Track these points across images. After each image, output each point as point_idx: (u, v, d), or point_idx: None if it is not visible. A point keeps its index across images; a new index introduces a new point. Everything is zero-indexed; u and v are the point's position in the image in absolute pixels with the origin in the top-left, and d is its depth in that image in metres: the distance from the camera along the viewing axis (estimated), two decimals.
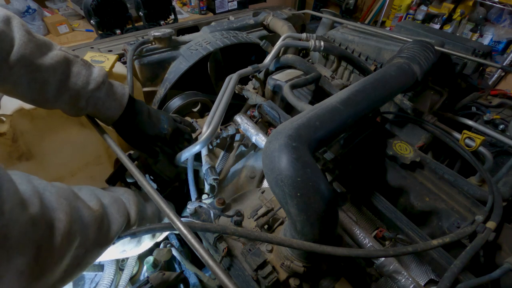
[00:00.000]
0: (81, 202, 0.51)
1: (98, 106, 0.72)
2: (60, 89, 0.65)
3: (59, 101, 0.66)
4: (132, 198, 0.68)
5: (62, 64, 0.64)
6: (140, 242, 0.74)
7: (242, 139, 1.02)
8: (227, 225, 0.70)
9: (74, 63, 0.67)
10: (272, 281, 0.60)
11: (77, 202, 0.50)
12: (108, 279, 0.78)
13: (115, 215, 0.58)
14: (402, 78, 0.85)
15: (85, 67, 0.69)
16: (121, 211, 0.60)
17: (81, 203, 0.51)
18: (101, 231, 0.53)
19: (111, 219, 0.57)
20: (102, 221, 0.54)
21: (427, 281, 0.72)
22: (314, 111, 0.64)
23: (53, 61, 0.62)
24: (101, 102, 0.71)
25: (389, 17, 4.10)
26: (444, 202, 0.81)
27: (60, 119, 0.89)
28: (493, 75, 3.13)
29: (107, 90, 0.72)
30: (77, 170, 0.95)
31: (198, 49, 1.26)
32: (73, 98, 0.67)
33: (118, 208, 0.60)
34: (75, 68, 0.67)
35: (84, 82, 0.67)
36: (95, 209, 0.53)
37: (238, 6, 3.46)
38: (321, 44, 1.08)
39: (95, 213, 0.52)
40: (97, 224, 0.52)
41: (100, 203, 0.56)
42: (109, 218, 0.57)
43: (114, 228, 0.57)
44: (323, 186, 0.52)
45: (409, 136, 1.20)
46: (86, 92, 0.68)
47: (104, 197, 0.59)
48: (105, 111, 0.74)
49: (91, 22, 2.11)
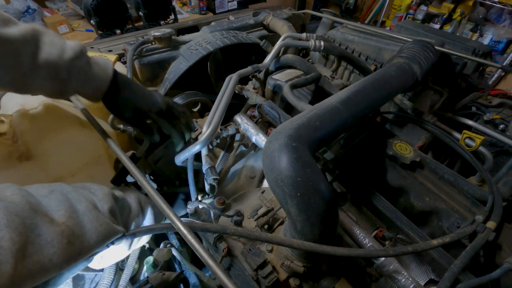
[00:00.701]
0: (41, 217, 0.46)
1: (81, 77, 0.67)
2: (35, 61, 0.59)
3: (38, 77, 0.61)
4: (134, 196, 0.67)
5: (31, 34, 0.59)
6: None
7: (242, 139, 1.02)
8: (227, 225, 0.70)
9: (45, 33, 0.63)
10: (272, 281, 0.60)
11: (35, 218, 0.44)
12: (108, 279, 0.78)
13: (94, 223, 0.52)
14: (402, 78, 0.85)
15: (57, 37, 0.65)
16: (100, 218, 0.55)
17: (42, 218, 0.45)
18: (72, 245, 0.48)
19: (87, 228, 0.51)
20: (73, 233, 0.48)
21: (427, 281, 0.72)
22: (314, 111, 0.64)
23: (22, 32, 0.57)
24: (84, 72, 0.67)
25: (389, 17, 4.10)
26: (444, 202, 0.81)
27: (60, 119, 0.89)
28: (493, 75, 3.13)
29: (87, 60, 0.68)
30: (77, 170, 0.95)
31: (198, 49, 1.26)
32: (51, 70, 0.62)
33: (97, 216, 0.54)
34: (47, 38, 0.62)
35: (59, 50, 0.63)
36: (61, 222, 0.48)
37: (238, 6, 3.46)
38: (321, 44, 1.08)
39: (61, 227, 0.47)
40: (65, 238, 0.47)
41: (71, 212, 0.50)
42: (82, 227, 0.51)
43: (92, 237, 0.51)
44: (323, 186, 0.52)
45: (409, 136, 1.20)
46: (65, 62, 0.63)
47: (80, 202, 0.53)
48: (92, 82, 0.69)
49: (91, 22, 2.12)
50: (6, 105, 0.97)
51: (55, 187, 0.54)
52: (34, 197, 0.48)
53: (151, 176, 1.26)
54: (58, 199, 0.51)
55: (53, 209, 0.49)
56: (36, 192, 0.50)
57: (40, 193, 0.50)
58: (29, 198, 0.47)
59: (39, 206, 0.47)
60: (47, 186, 0.54)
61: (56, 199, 0.51)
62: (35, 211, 0.45)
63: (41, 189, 0.52)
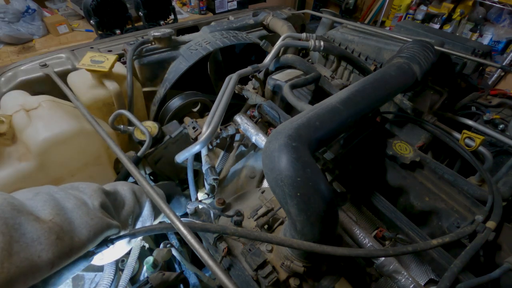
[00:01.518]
0: (25, 216, 0.46)
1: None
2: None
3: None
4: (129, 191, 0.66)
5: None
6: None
7: (242, 139, 1.02)
8: (227, 225, 0.70)
9: None
10: (272, 281, 0.60)
11: (18, 218, 0.45)
12: (108, 279, 0.78)
13: (84, 218, 0.53)
14: (402, 78, 0.85)
15: None
16: (91, 213, 0.55)
17: (26, 217, 0.46)
18: (62, 240, 0.48)
19: (77, 223, 0.52)
20: (61, 229, 0.49)
21: (427, 281, 0.72)
22: (314, 111, 0.64)
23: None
24: None
25: (388, 17, 4.10)
26: (444, 202, 0.81)
27: (60, 119, 0.89)
28: (492, 75, 3.13)
29: None
30: (76, 170, 0.95)
31: (198, 49, 1.26)
32: None
33: (87, 211, 0.54)
34: None
35: None
36: (48, 219, 0.48)
37: (238, 6, 3.46)
38: (321, 44, 1.08)
39: (48, 224, 0.47)
40: (53, 234, 0.47)
41: (57, 210, 0.50)
42: (71, 223, 0.51)
43: (83, 232, 0.52)
44: (323, 186, 0.52)
45: (409, 136, 1.20)
46: None
47: (67, 200, 0.54)
48: None
49: (91, 22, 2.11)
50: (6, 105, 0.97)
51: (40, 189, 0.54)
52: (17, 199, 0.48)
53: (151, 176, 1.26)
54: (43, 199, 0.51)
55: (38, 209, 0.49)
56: (22, 196, 0.51)
57: (25, 197, 0.51)
58: (12, 200, 0.47)
59: (23, 207, 0.47)
60: (32, 189, 0.54)
61: (41, 199, 0.51)
62: (18, 211, 0.46)
63: (26, 193, 0.52)
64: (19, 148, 0.85)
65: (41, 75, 1.15)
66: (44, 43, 2.77)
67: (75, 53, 1.29)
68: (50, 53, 1.28)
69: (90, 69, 1.05)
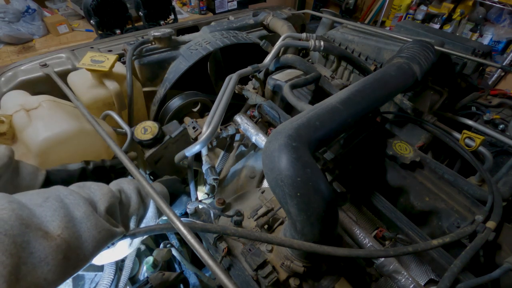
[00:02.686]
0: (34, 232, 0.43)
1: (8, 187, 0.64)
2: None
3: None
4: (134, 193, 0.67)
5: None
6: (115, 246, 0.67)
7: (242, 139, 1.02)
8: (227, 225, 0.70)
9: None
10: (272, 281, 0.60)
11: (27, 235, 0.42)
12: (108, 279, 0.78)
13: (92, 231, 0.50)
14: (402, 78, 0.85)
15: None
16: (99, 224, 0.52)
17: (35, 233, 0.43)
18: (68, 260, 0.46)
19: (84, 237, 0.49)
20: (68, 247, 0.46)
21: (427, 281, 0.72)
22: (314, 111, 0.64)
23: None
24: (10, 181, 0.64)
25: (389, 17, 4.10)
26: (444, 202, 0.81)
27: (60, 119, 0.89)
28: (493, 75, 3.13)
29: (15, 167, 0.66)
30: None
31: (198, 49, 1.26)
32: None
33: (95, 222, 0.51)
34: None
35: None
36: (56, 235, 0.45)
37: (238, 6, 3.46)
38: (321, 44, 1.08)
39: (56, 241, 0.44)
40: (60, 253, 0.44)
41: (66, 222, 0.48)
42: (79, 237, 0.48)
43: (89, 247, 0.49)
44: (323, 186, 0.52)
45: (409, 136, 1.20)
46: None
47: (77, 207, 0.51)
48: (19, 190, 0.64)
49: (91, 22, 2.11)
50: (6, 105, 0.97)
51: (50, 193, 0.51)
52: (26, 208, 0.46)
53: (151, 176, 1.26)
54: (53, 207, 0.48)
55: (47, 219, 0.46)
56: (30, 201, 0.48)
57: (35, 202, 0.48)
58: (20, 211, 0.44)
59: (31, 219, 0.44)
60: (42, 192, 0.51)
61: (51, 207, 0.48)
62: (26, 226, 0.43)
63: (35, 196, 0.49)
64: (19, 148, 0.85)
65: (41, 75, 1.15)
66: (44, 43, 2.77)
67: (75, 53, 1.29)
68: (50, 53, 1.28)
69: (90, 68, 1.05)
